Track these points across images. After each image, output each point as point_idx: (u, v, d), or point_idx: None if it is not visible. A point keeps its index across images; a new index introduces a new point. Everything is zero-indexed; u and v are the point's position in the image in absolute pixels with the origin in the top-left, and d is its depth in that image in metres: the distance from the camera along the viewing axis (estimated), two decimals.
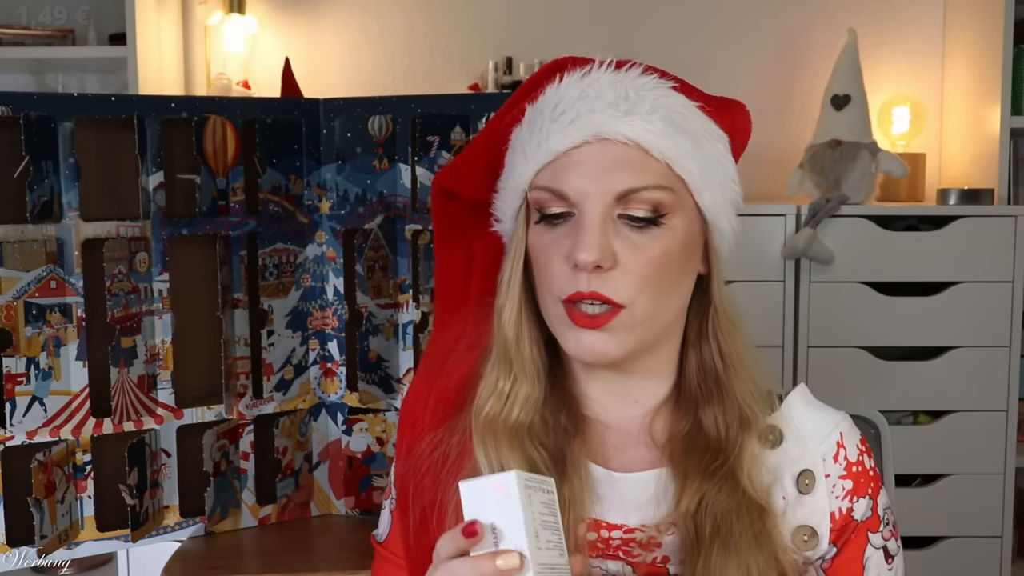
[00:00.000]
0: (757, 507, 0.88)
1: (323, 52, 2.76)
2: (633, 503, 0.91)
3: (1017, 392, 2.25)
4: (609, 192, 0.84)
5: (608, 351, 0.86)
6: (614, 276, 0.84)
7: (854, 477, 0.93)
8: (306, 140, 1.37)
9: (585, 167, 0.85)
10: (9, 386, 1.23)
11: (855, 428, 0.96)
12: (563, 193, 0.85)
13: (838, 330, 2.25)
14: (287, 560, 1.29)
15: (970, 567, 2.27)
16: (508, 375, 0.91)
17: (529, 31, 2.72)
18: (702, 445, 0.90)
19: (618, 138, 0.84)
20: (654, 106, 0.86)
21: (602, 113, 0.85)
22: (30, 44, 2.61)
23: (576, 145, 0.85)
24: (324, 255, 1.39)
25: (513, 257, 0.91)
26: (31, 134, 1.21)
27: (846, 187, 2.27)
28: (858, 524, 0.92)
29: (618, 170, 0.84)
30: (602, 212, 0.84)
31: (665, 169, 0.85)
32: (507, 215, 0.93)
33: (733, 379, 0.91)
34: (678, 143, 0.85)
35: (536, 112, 0.89)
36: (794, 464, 0.92)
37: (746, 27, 2.71)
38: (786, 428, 0.93)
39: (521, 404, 0.90)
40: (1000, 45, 2.31)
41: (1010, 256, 2.21)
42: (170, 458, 1.33)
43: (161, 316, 1.31)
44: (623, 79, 0.87)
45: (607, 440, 0.94)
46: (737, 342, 0.91)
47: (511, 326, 0.91)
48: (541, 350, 0.92)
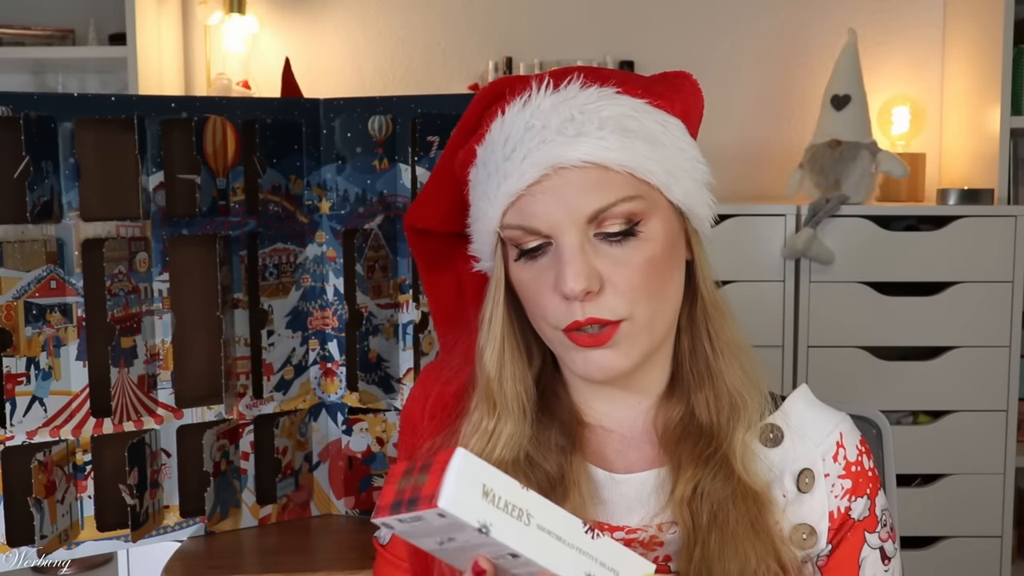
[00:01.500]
0: (753, 494, 0.88)
1: (323, 52, 2.76)
2: (635, 503, 0.91)
3: (1017, 392, 2.25)
4: (580, 217, 0.83)
5: (616, 366, 0.86)
6: (606, 296, 0.84)
7: (853, 477, 0.93)
8: (306, 140, 1.37)
9: (549, 199, 0.83)
10: (9, 386, 1.23)
11: (855, 429, 0.96)
12: (535, 229, 0.84)
13: (838, 330, 2.25)
14: (287, 560, 1.29)
15: (970, 567, 2.27)
16: (492, 414, 0.90)
17: (529, 31, 2.73)
18: (695, 432, 0.90)
19: (574, 164, 0.83)
20: (602, 121, 0.84)
21: (552, 143, 0.83)
22: (30, 44, 2.62)
23: (535, 181, 0.84)
24: (324, 255, 1.39)
25: (493, 295, 0.90)
26: (31, 134, 1.21)
27: (846, 187, 2.28)
28: (855, 523, 0.92)
29: (583, 194, 0.83)
30: (578, 238, 0.83)
31: (628, 179, 0.84)
32: (485, 254, 0.92)
33: (722, 364, 0.91)
34: (635, 150, 0.84)
35: (487, 152, 0.88)
36: (794, 463, 0.92)
37: (746, 27, 2.71)
38: (786, 427, 0.93)
39: (505, 442, 0.89)
40: (1000, 45, 2.31)
41: (1010, 256, 2.21)
42: (170, 458, 1.33)
43: (161, 316, 1.31)
44: (564, 100, 0.85)
45: (609, 444, 0.94)
46: (724, 327, 0.91)
47: (493, 364, 0.90)
48: (525, 386, 0.91)
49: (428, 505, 0.65)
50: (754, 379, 0.92)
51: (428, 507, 0.65)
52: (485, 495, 0.67)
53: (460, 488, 0.66)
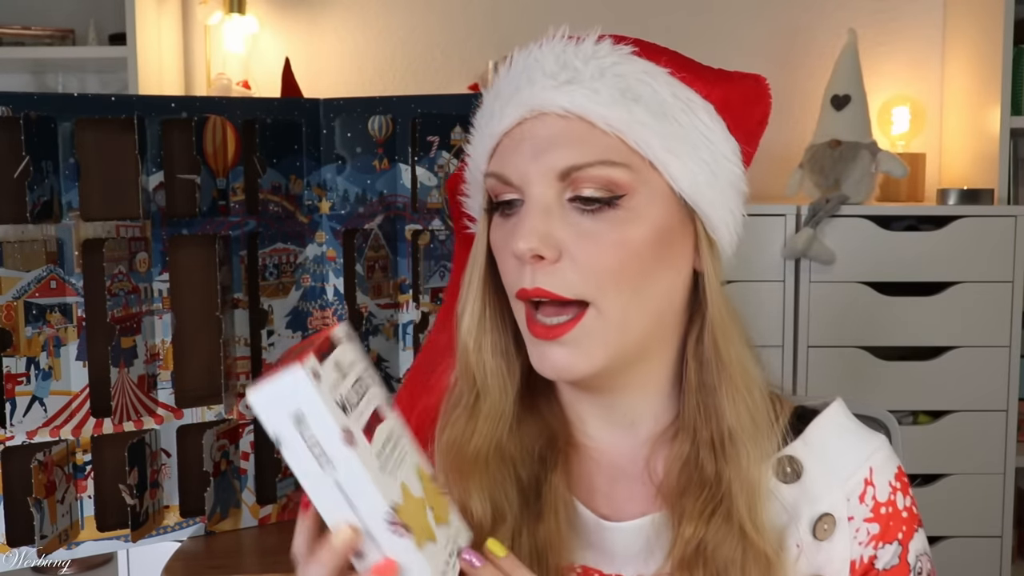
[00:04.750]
0: (764, 558, 0.77)
1: (323, 52, 2.76)
2: (625, 554, 0.82)
3: (1017, 392, 2.25)
4: (549, 171, 0.74)
5: (572, 366, 0.75)
6: (561, 268, 0.73)
7: (882, 520, 0.81)
8: (306, 140, 1.37)
9: (523, 146, 0.75)
10: (9, 386, 1.23)
11: (892, 459, 0.84)
12: (506, 178, 0.76)
13: (838, 330, 2.25)
14: (287, 560, 1.28)
15: (970, 567, 2.27)
16: (471, 389, 0.81)
17: (529, 31, 2.71)
18: (699, 482, 0.79)
19: (556, 111, 0.75)
20: (601, 73, 0.76)
21: (538, 85, 0.76)
22: (30, 44, 2.62)
23: (516, 123, 0.76)
24: (324, 255, 1.39)
25: (474, 255, 0.82)
26: (31, 134, 1.21)
27: (846, 187, 2.27)
28: (879, 573, 0.81)
29: (558, 146, 0.74)
30: (545, 195, 0.74)
31: (617, 143, 0.74)
32: (476, 211, 0.84)
33: (725, 400, 0.79)
34: (630, 112, 0.74)
35: (490, 96, 0.82)
36: (813, 504, 0.81)
37: (746, 27, 2.71)
38: (808, 458, 0.81)
39: (483, 421, 0.80)
40: (1000, 45, 2.31)
41: (1010, 256, 2.21)
42: (170, 458, 1.33)
43: (161, 316, 1.31)
44: (568, 48, 0.78)
45: (597, 475, 0.84)
46: (734, 355, 0.79)
47: (471, 332, 0.81)
48: (507, 359, 0.82)
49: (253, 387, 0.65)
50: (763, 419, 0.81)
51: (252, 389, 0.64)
52: (297, 422, 0.64)
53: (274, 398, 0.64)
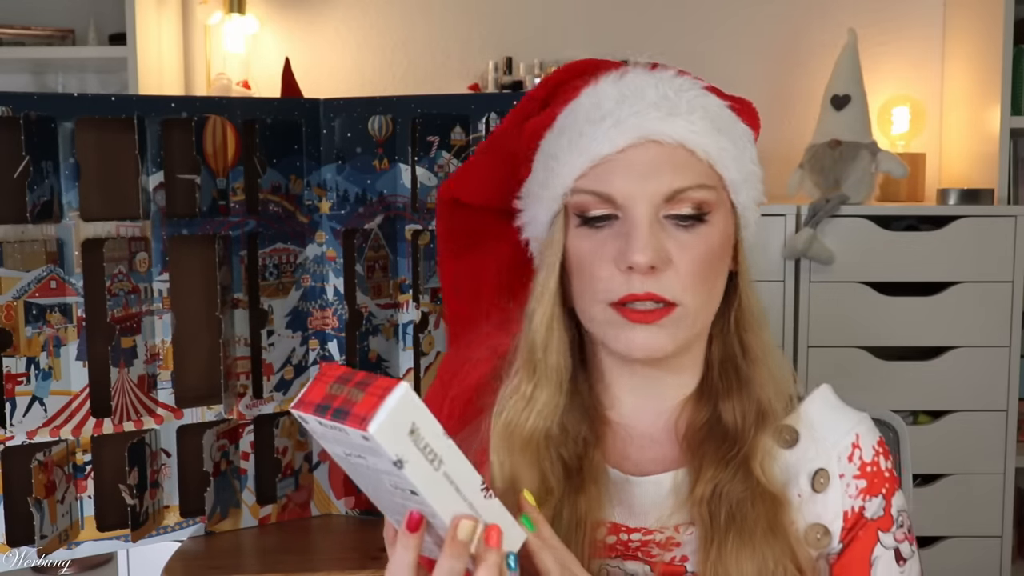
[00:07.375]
0: (771, 496, 0.88)
1: (323, 52, 2.76)
2: (652, 505, 0.91)
3: (1017, 392, 2.25)
4: (657, 194, 0.85)
5: (662, 346, 0.86)
6: (666, 276, 0.85)
7: (868, 477, 0.93)
8: (306, 140, 1.37)
9: (632, 169, 0.85)
10: (9, 386, 1.23)
11: (874, 430, 0.96)
12: (609, 196, 0.86)
13: (838, 330, 2.25)
14: (287, 560, 1.29)
15: (970, 567, 2.27)
16: (531, 380, 0.91)
17: (529, 31, 2.72)
18: (719, 436, 0.90)
19: (664, 139, 0.85)
20: (692, 106, 0.87)
21: (646, 115, 0.86)
22: (30, 44, 2.62)
23: (621, 148, 0.86)
24: (324, 255, 1.39)
25: (550, 264, 0.90)
26: (31, 134, 1.21)
27: (846, 187, 2.27)
28: (867, 522, 0.92)
29: (665, 171, 0.85)
30: (650, 213, 0.85)
31: (708, 168, 0.87)
32: (540, 222, 0.92)
33: (754, 373, 0.92)
34: (718, 142, 0.87)
35: (570, 116, 0.90)
36: (810, 463, 0.92)
37: (746, 27, 2.71)
38: (802, 428, 0.93)
39: (539, 410, 0.90)
40: (1000, 45, 2.31)
41: (1010, 256, 2.21)
42: (170, 458, 1.33)
43: (161, 316, 1.31)
44: (660, 80, 0.89)
45: (630, 443, 0.94)
46: (760, 338, 0.93)
47: (541, 332, 0.90)
48: (566, 360, 0.92)
49: (357, 425, 0.67)
50: (783, 385, 0.93)
51: (356, 427, 0.67)
52: (411, 433, 0.69)
53: (393, 421, 0.68)
